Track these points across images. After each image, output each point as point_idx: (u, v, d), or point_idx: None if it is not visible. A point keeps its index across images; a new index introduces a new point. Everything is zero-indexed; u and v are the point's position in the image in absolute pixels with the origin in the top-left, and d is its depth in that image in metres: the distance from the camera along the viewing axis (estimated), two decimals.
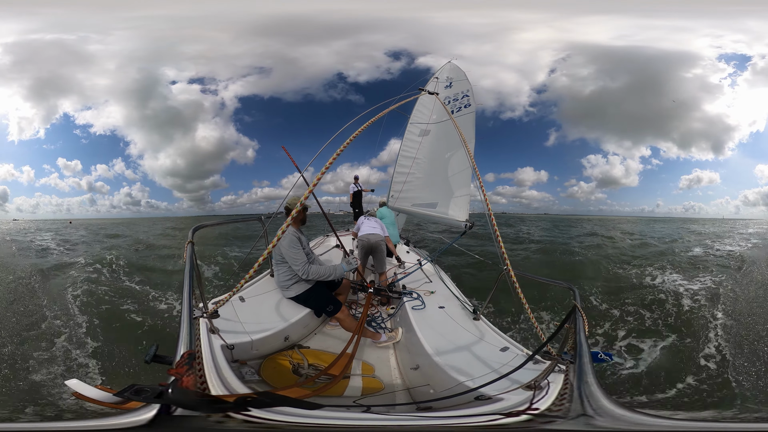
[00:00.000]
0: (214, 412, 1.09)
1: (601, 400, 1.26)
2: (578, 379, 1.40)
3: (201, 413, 1.08)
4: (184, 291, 1.81)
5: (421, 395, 2.41)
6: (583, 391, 1.32)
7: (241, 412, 1.08)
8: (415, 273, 4.58)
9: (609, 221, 43.78)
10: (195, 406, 1.10)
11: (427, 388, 2.39)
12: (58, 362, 4.62)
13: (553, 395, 1.46)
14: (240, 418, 1.08)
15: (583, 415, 1.24)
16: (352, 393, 2.51)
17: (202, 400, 1.20)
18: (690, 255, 12.28)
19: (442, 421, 1.46)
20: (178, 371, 1.20)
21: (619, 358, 5.00)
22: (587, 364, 1.45)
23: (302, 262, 3.11)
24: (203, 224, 2.82)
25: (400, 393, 2.58)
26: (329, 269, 3.24)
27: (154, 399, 0.98)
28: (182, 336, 1.49)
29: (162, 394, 0.99)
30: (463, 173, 5.70)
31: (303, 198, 2.54)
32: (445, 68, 6.45)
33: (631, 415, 1.18)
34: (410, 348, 2.91)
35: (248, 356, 2.46)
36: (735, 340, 5.24)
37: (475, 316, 3.13)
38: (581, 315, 1.80)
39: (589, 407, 1.25)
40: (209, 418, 1.05)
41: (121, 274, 9.06)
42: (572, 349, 1.65)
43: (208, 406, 1.13)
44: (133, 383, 0.98)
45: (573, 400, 1.33)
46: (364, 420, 1.39)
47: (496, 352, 2.42)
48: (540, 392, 1.54)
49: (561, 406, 1.37)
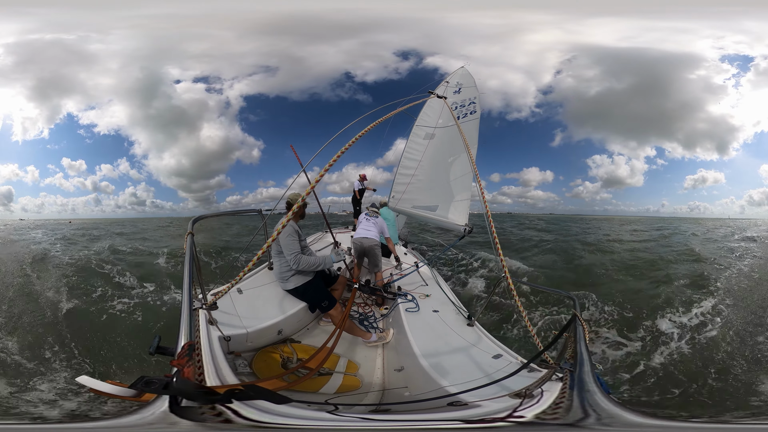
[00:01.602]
0: (206, 403, 1.11)
1: (606, 405, 1.19)
2: (579, 387, 1.32)
3: (199, 404, 1.11)
4: (184, 282, 1.80)
5: (395, 397, 2.41)
6: (585, 399, 1.25)
7: (225, 404, 1.10)
8: (411, 275, 4.62)
9: (615, 221, 43.25)
10: (193, 396, 1.12)
11: (403, 390, 2.39)
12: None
13: (546, 403, 1.38)
14: (220, 410, 1.09)
15: (582, 420, 1.16)
16: (329, 390, 2.52)
17: (199, 390, 1.21)
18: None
19: (386, 425, 1.42)
20: (180, 362, 1.24)
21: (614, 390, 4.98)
22: (588, 372, 1.38)
23: (295, 251, 3.17)
24: (203, 216, 2.83)
25: (373, 394, 2.56)
26: (318, 259, 3.33)
27: (162, 390, 1.02)
28: (183, 327, 1.51)
29: (168, 385, 1.04)
30: (464, 178, 5.74)
31: (305, 194, 2.56)
32: (457, 73, 6.45)
33: (641, 420, 1.12)
34: (399, 349, 2.93)
35: (243, 348, 2.51)
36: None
37: (470, 323, 3.13)
38: (581, 324, 1.76)
39: (592, 413, 1.17)
40: (211, 410, 1.08)
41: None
42: (572, 358, 1.59)
43: (203, 396, 1.15)
44: (142, 375, 1.02)
45: (572, 407, 1.25)
46: (315, 420, 1.29)
47: (487, 359, 2.39)
48: (530, 400, 1.46)
49: (555, 413, 1.29)
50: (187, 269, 1.93)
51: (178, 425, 1.01)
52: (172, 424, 1.01)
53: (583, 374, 1.38)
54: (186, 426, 1.02)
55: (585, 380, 1.34)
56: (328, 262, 3.36)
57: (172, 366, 1.23)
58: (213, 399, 1.13)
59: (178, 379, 1.13)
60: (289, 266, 3.24)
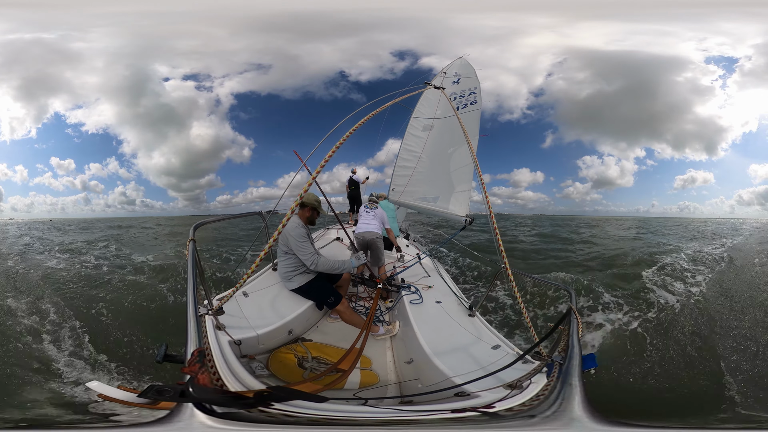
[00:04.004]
0: (239, 408, 1.11)
1: (575, 404, 1.19)
2: (562, 381, 1.34)
3: (236, 409, 1.10)
4: (189, 289, 1.79)
5: (410, 389, 2.46)
6: (562, 393, 1.26)
7: (265, 406, 1.11)
8: (413, 267, 4.64)
9: (604, 221, 42.89)
10: (224, 402, 1.12)
11: (416, 382, 2.44)
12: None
13: (528, 395, 1.42)
14: (270, 411, 1.11)
15: (542, 413, 1.17)
16: (352, 386, 2.57)
17: (226, 396, 1.22)
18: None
19: (419, 416, 1.45)
20: (191, 369, 1.25)
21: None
22: (576, 366, 1.40)
23: (311, 252, 3.15)
24: (203, 221, 2.79)
25: (392, 386, 2.63)
26: (338, 263, 3.28)
27: (179, 398, 1.01)
28: (190, 334, 1.50)
29: (184, 392, 1.03)
30: (464, 169, 5.72)
31: (307, 185, 2.49)
32: (455, 63, 6.34)
33: (601, 428, 1.12)
34: (406, 342, 2.96)
35: (255, 351, 2.52)
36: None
37: (471, 313, 3.19)
38: (576, 317, 1.79)
39: (560, 408, 1.19)
40: (250, 413, 1.08)
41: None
42: (564, 350, 1.61)
43: (233, 402, 1.15)
44: (151, 383, 1.02)
45: (550, 400, 1.27)
46: (362, 413, 1.41)
47: (487, 350, 2.46)
48: (518, 392, 1.51)
49: (532, 405, 1.32)
50: (191, 275, 1.90)
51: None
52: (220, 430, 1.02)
53: (571, 368, 1.39)
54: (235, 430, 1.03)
55: (570, 374, 1.35)
56: (347, 266, 3.31)
57: (183, 373, 1.22)
58: (247, 403, 1.13)
59: (194, 386, 1.12)
60: (294, 266, 3.23)
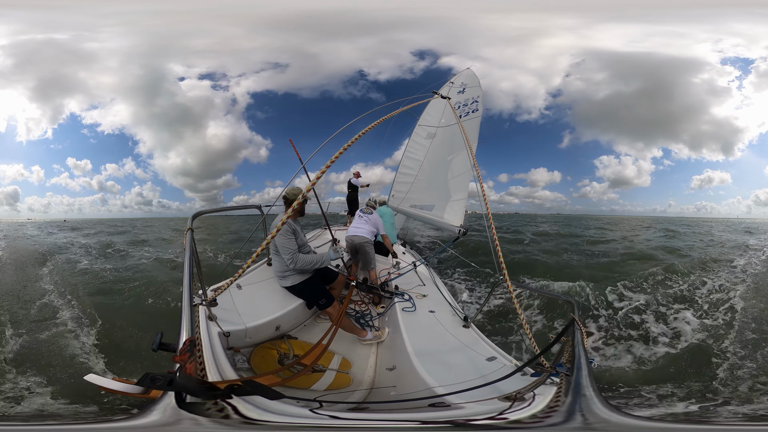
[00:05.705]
0: (208, 399, 1.11)
1: (599, 409, 1.16)
2: (574, 392, 1.28)
3: (201, 399, 1.11)
4: (185, 278, 1.79)
5: (381, 396, 2.43)
6: (578, 404, 1.21)
7: (225, 399, 1.11)
8: (409, 275, 4.61)
9: (623, 221, 42.54)
10: (196, 392, 1.12)
11: (390, 389, 2.41)
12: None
13: (538, 407, 1.36)
14: (221, 405, 1.10)
15: (567, 422, 1.13)
16: (320, 387, 2.53)
17: (201, 386, 1.21)
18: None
19: (355, 423, 1.43)
20: (182, 358, 1.24)
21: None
22: (586, 377, 1.34)
23: (292, 251, 3.15)
24: (202, 211, 2.80)
25: (360, 392, 2.57)
26: (317, 257, 3.30)
27: (167, 387, 1.02)
28: (184, 323, 1.50)
29: (172, 381, 1.03)
30: (462, 176, 5.72)
31: (306, 190, 2.53)
32: (462, 74, 6.44)
33: (635, 423, 1.10)
34: (393, 348, 2.93)
35: (242, 344, 2.51)
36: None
37: (466, 324, 3.11)
38: (580, 328, 1.75)
39: (583, 417, 1.14)
40: (214, 405, 1.08)
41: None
42: (568, 362, 1.57)
43: (205, 392, 1.15)
44: (147, 372, 1.01)
45: (565, 411, 1.22)
46: (291, 416, 1.29)
47: (481, 362, 2.39)
48: (520, 404, 1.45)
49: (548, 416, 1.27)
50: (187, 265, 1.91)
51: (183, 422, 1.02)
52: (178, 421, 1.01)
53: (581, 378, 1.35)
54: (189, 422, 1.02)
55: (582, 384, 1.31)
56: (326, 260, 3.35)
57: (174, 362, 1.23)
58: (215, 394, 1.13)
59: (180, 375, 1.13)
60: (286, 265, 3.23)
